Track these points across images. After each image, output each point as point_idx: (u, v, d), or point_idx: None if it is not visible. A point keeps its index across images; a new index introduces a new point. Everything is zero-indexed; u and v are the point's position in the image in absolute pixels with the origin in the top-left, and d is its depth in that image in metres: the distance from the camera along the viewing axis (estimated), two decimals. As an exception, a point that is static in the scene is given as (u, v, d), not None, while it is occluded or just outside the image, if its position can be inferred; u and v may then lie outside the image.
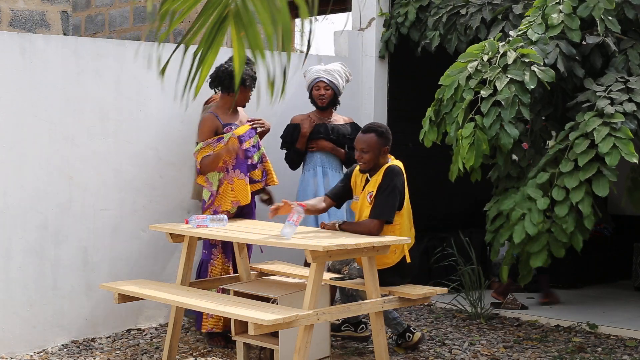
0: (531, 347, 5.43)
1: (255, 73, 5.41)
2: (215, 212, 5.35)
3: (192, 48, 2.39)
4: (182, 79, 2.38)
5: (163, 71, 2.44)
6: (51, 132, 5.33)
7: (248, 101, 5.54)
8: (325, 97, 5.91)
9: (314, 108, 6.05)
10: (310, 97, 6.00)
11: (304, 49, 2.28)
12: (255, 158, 5.48)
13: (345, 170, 5.87)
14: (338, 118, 6.08)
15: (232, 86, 5.39)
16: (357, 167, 5.09)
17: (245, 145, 5.44)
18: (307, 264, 5.82)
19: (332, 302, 5.79)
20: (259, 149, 5.54)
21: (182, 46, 2.34)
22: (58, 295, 5.40)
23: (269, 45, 2.25)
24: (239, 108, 5.59)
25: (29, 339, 5.27)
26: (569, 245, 4.99)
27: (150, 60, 5.06)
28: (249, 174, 5.42)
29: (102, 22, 9.60)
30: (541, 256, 5.03)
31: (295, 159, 6.00)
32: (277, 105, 6.16)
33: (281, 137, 6.03)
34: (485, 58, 5.26)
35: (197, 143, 5.41)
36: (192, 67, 2.34)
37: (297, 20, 10.11)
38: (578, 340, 5.60)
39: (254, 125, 5.54)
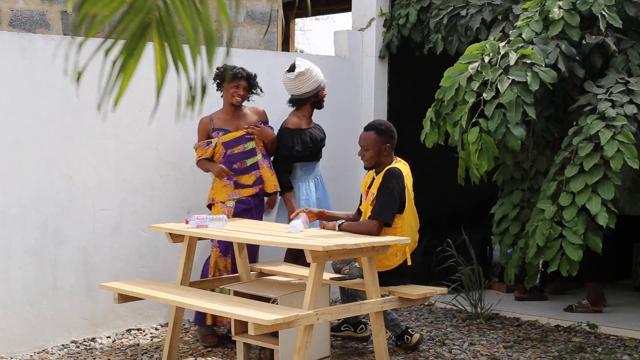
0: (531, 347, 5.43)
1: (243, 68, 5.56)
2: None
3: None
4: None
5: (79, 78, 2.26)
6: (51, 132, 5.33)
7: (234, 97, 5.53)
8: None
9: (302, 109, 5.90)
10: (316, 98, 5.77)
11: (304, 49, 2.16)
12: (247, 163, 5.56)
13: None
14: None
15: (219, 87, 5.66)
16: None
17: (234, 151, 5.54)
18: (286, 260, 5.81)
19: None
20: (255, 155, 5.55)
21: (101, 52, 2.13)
22: (58, 295, 5.39)
23: (191, 54, 2.09)
24: (248, 111, 5.65)
25: (29, 339, 5.27)
26: (585, 247, 5.00)
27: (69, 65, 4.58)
28: (235, 178, 5.52)
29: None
30: (556, 261, 5.06)
31: (285, 178, 5.71)
32: (274, 105, 6.15)
33: (281, 145, 5.70)
34: (487, 59, 5.25)
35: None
36: (111, 76, 2.16)
37: (297, 20, 10.11)
38: (578, 340, 5.60)
39: (248, 132, 5.59)
